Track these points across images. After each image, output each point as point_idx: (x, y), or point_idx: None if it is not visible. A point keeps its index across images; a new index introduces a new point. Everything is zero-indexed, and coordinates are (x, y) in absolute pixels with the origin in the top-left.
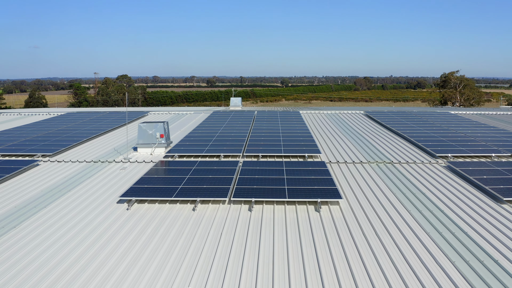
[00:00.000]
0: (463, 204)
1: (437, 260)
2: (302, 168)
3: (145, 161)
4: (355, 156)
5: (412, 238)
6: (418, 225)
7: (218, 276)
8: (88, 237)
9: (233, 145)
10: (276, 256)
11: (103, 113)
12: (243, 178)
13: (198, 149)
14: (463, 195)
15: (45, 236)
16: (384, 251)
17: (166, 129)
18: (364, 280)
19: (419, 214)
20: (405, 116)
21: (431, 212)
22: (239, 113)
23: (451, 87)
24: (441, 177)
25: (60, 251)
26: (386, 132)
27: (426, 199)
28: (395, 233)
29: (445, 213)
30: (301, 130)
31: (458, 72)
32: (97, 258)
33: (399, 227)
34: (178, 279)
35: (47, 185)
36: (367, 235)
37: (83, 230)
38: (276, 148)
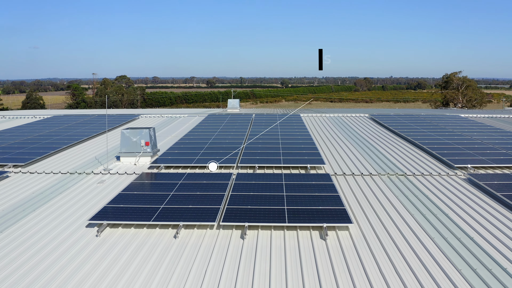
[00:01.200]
0: (494, 228)
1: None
2: (304, 183)
3: (127, 173)
4: (363, 167)
5: (441, 278)
6: (446, 258)
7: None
8: (46, 272)
9: (227, 154)
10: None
11: (91, 116)
12: (236, 195)
13: (187, 159)
14: (493, 217)
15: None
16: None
17: (152, 136)
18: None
19: (445, 244)
20: (413, 119)
21: (459, 240)
22: (235, 116)
23: (453, 88)
24: (463, 193)
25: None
26: (395, 138)
27: (450, 223)
28: (419, 269)
29: (476, 241)
30: (302, 136)
31: (461, 73)
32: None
33: (423, 261)
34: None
35: (11, 203)
36: (384, 272)
37: (42, 261)
38: (275, 158)
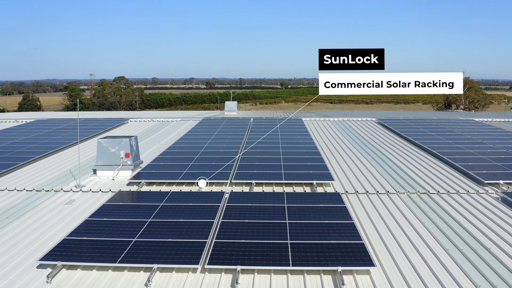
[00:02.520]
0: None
1: None
2: (310, 206)
3: (102, 190)
4: (378, 183)
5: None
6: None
7: None
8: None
9: (220, 166)
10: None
11: (77, 120)
12: (227, 224)
13: (173, 174)
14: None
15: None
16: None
17: (133, 146)
18: None
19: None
20: (425, 124)
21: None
22: (232, 121)
23: None
24: (501, 217)
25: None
26: (409, 146)
27: (493, 259)
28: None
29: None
30: (306, 144)
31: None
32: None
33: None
34: None
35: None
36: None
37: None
38: (275, 172)
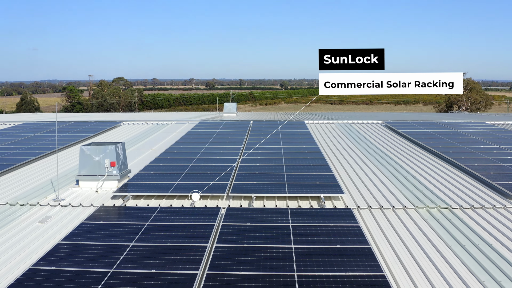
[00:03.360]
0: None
1: None
2: (319, 226)
3: (82, 205)
4: (393, 196)
5: None
6: None
7: None
8: None
9: (216, 176)
10: None
11: (67, 123)
12: (223, 249)
13: (163, 185)
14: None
15: None
16: None
17: (120, 154)
18: None
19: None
20: (436, 128)
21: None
22: (230, 124)
23: None
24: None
25: None
26: (422, 153)
27: None
28: None
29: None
30: (310, 150)
31: (465, 74)
32: None
33: None
34: None
35: None
36: None
37: None
38: (277, 184)
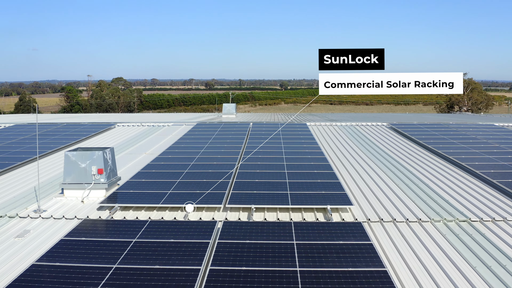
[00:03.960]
0: None
1: None
2: (327, 243)
3: (66, 217)
4: (405, 207)
5: None
6: None
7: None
8: None
9: (212, 184)
10: None
11: (59, 125)
12: (218, 273)
13: (155, 194)
14: None
15: None
16: None
17: (108, 160)
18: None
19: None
20: (444, 131)
21: None
22: (229, 126)
23: None
24: None
25: None
26: (432, 157)
27: None
28: None
29: None
30: (314, 155)
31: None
32: None
33: None
34: None
35: None
36: None
37: None
38: (279, 193)
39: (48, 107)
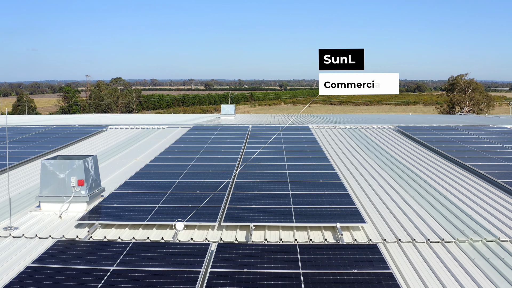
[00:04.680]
0: None
1: None
2: (339, 273)
3: (39, 236)
4: (424, 223)
5: None
6: None
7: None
8: None
9: (207, 196)
10: None
11: (48, 128)
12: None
13: (142, 209)
14: None
15: None
16: None
17: (90, 170)
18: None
19: None
20: (455, 134)
21: None
22: (227, 129)
23: (459, 91)
24: None
25: None
26: (446, 164)
27: None
28: None
29: None
30: (318, 162)
31: (467, 75)
32: None
33: None
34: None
35: None
36: None
37: None
38: (282, 208)
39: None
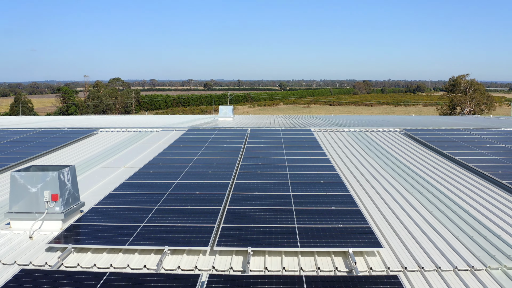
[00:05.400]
0: None
1: None
2: None
3: (3, 262)
4: (449, 247)
5: None
6: None
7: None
8: None
9: (198, 213)
10: None
11: (35, 130)
12: None
13: (124, 228)
14: None
15: None
16: None
17: (67, 183)
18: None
19: None
20: (468, 139)
21: None
22: (224, 133)
23: (460, 91)
24: None
25: None
26: (466, 175)
27: None
28: None
29: None
30: (324, 170)
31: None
32: None
33: None
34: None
35: None
36: None
37: None
38: (284, 227)
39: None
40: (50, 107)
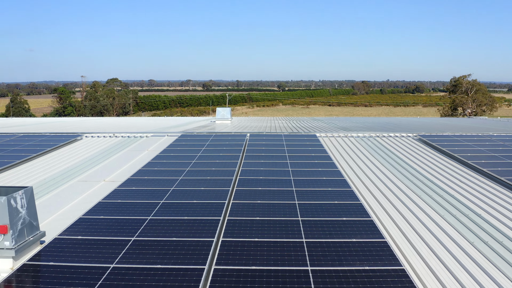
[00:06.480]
0: None
1: None
2: None
3: None
4: (487, 277)
5: None
6: None
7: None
8: None
9: (186, 245)
10: None
11: (13, 136)
12: None
13: (89, 270)
14: None
15: None
16: None
17: (20, 209)
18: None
19: None
20: (490, 146)
21: None
22: (221, 138)
23: (462, 92)
24: None
25: None
26: (497, 189)
27: None
28: None
29: None
30: (336, 187)
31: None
32: None
33: None
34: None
35: None
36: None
37: None
38: (293, 270)
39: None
40: (47, 108)
